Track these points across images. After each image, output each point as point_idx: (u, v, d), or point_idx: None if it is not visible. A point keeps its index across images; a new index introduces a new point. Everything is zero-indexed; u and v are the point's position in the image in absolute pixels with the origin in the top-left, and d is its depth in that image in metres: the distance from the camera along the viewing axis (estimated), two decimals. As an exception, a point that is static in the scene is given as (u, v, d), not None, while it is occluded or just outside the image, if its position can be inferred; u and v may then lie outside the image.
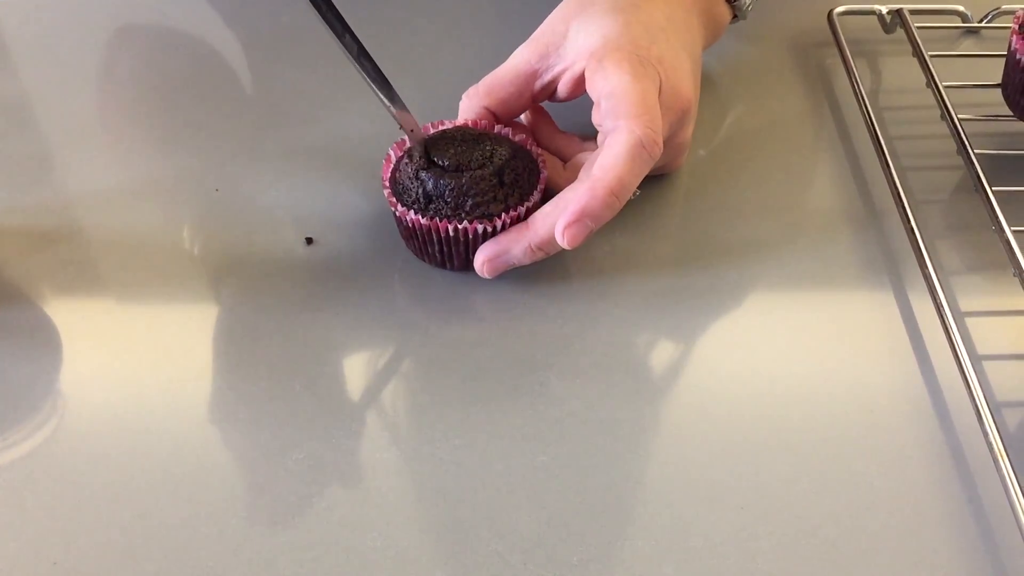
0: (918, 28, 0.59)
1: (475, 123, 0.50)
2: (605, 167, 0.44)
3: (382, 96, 0.45)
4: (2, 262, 0.49)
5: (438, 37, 0.63)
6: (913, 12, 0.61)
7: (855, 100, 0.57)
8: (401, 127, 0.46)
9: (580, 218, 0.43)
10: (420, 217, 0.46)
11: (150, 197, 0.53)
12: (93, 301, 0.48)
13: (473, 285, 0.48)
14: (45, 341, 0.46)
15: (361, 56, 0.44)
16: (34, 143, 0.56)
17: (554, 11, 0.51)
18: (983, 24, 0.62)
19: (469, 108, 0.50)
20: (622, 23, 0.48)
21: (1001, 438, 0.40)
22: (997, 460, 0.39)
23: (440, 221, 0.46)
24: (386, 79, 0.45)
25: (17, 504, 0.39)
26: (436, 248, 0.47)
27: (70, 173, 0.54)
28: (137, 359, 0.45)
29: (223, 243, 0.50)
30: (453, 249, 0.47)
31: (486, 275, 0.46)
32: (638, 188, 0.50)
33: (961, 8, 0.62)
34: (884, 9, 0.61)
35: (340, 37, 0.43)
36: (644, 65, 0.46)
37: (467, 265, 0.47)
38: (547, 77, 0.49)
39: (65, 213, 0.52)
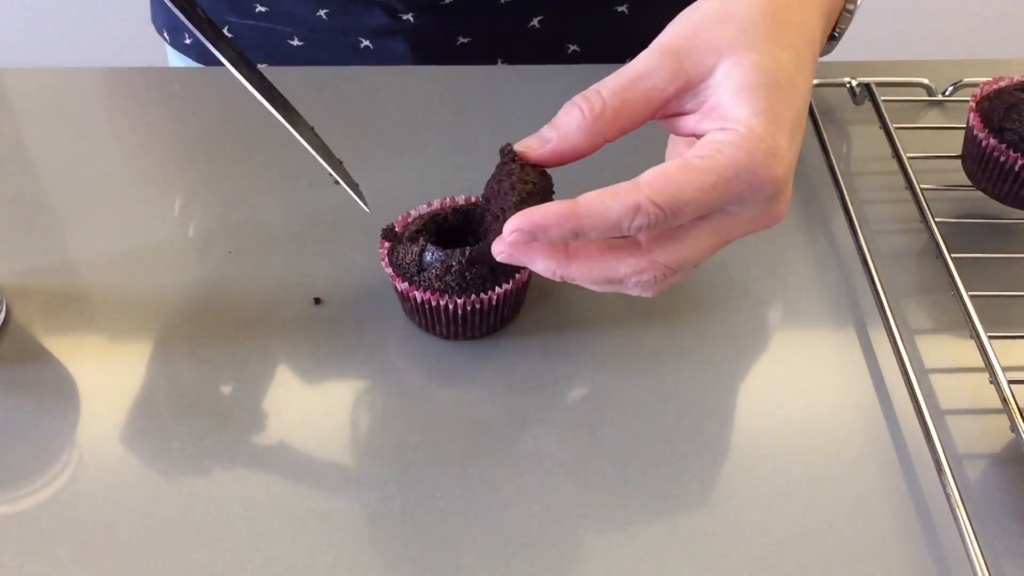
0: (884, 101, 0.63)
1: (466, 200, 0.51)
2: (591, 201, 0.38)
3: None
4: (27, 321, 0.52)
5: (439, 115, 0.67)
6: (880, 85, 0.65)
7: (826, 167, 0.61)
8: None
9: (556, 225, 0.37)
10: (426, 293, 0.48)
11: (167, 259, 0.56)
12: (111, 357, 0.50)
13: (470, 347, 0.51)
14: (65, 396, 0.49)
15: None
16: (57, 208, 0.59)
17: (698, 23, 0.41)
18: (946, 97, 0.66)
19: (582, 133, 0.40)
20: (767, 107, 0.39)
21: (958, 489, 0.43)
22: (955, 510, 0.43)
23: (445, 296, 0.48)
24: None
25: (47, 552, 0.42)
26: (443, 324, 0.50)
27: (91, 236, 0.57)
28: (154, 413, 0.48)
29: (236, 302, 0.53)
30: (460, 322, 0.49)
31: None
32: None
33: (926, 81, 0.67)
34: (854, 82, 0.66)
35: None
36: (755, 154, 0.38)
37: (472, 335, 0.51)
38: (673, 109, 0.41)
39: (86, 274, 0.55)
